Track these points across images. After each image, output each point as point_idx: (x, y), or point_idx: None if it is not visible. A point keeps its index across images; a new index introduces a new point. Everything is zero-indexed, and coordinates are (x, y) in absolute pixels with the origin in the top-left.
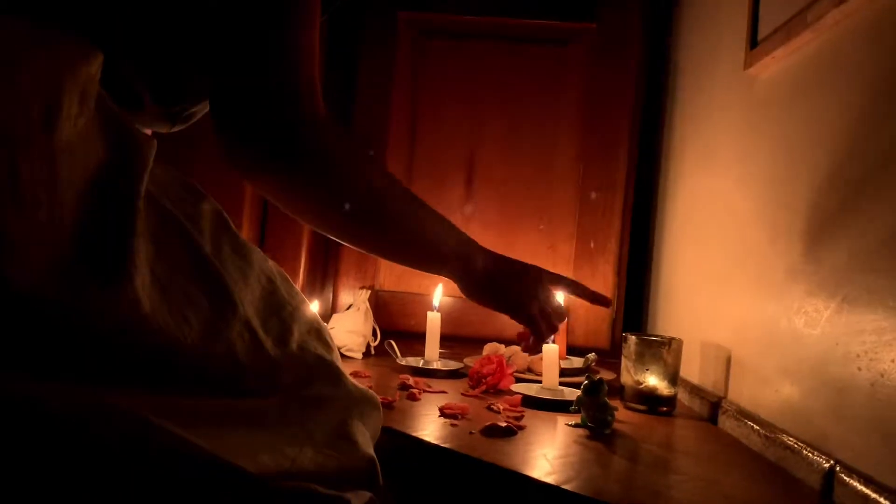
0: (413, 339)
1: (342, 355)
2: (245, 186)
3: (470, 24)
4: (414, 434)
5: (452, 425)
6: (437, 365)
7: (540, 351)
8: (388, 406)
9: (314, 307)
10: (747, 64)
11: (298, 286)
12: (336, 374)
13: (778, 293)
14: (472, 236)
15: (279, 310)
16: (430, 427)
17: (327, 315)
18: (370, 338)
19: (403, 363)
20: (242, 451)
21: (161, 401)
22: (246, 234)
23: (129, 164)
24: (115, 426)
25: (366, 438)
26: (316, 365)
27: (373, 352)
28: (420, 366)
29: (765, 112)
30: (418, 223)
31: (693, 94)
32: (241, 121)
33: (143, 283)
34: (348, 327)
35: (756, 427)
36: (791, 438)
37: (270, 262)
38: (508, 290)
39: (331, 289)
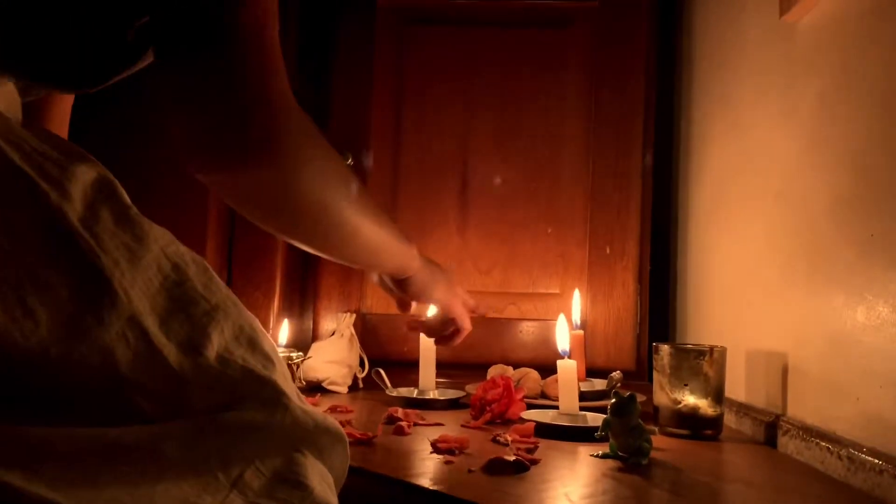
0: (407, 368)
1: (324, 389)
2: (208, 196)
3: (459, 9)
4: (397, 476)
5: (447, 462)
6: (433, 394)
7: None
8: (366, 443)
9: (283, 329)
10: (783, 9)
11: (273, 311)
12: (275, 394)
13: (846, 280)
14: (469, 249)
15: (188, 306)
16: (418, 466)
17: (305, 344)
18: (357, 368)
19: (394, 394)
20: None
21: None
22: (211, 250)
23: None
24: None
25: (324, 482)
26: (244, 382)
27: (360, 384)
28: (414, 396)
29: (811, 62)
30: (370, 236)
31: (717, 58)
32: (204, 117)
33: None
34: (331, 357)
35: (833, 448)
36: (883, 459)
37: (181, 247)
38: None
39: (310, 313)
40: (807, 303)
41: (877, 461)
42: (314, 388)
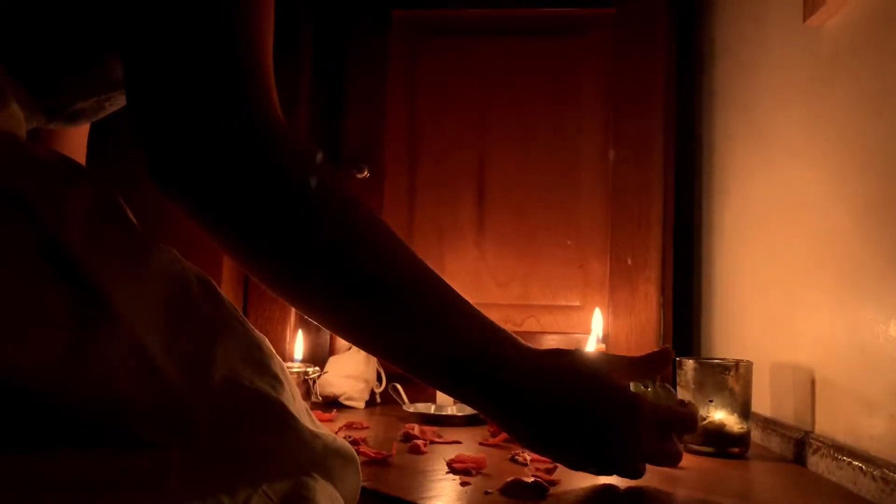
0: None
1: (341, 405)
2: None
3: (473, 20)
4: (410, 498)
5: (463, 483)
6: (451, 410)
7: None
8: (380, 462)
9: (298, 344)
10: (807, 13)
11: (289, 325)
12: (282, 416)
13: (876, 291)
14: (487, 261)
15: (192, 327)
16: (433, 488)
17: (322, 358)
18: (374, 383)
19: (412, 410)
20: None
21: None
22: (227, 264)
23: None
24: None
25: None
26: (251, 404)
27: (378, 399)
28: (431, 412)
29: (837, 67)
30: (423, 303)
31: (738, 64)
32: (165, 121)
33: None
34: (347, 372)
35: (866, 467)
36: None
37: (186, 265)
38: (580, 429)
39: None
40: (835, 315)
41: None
42: (331, 404)
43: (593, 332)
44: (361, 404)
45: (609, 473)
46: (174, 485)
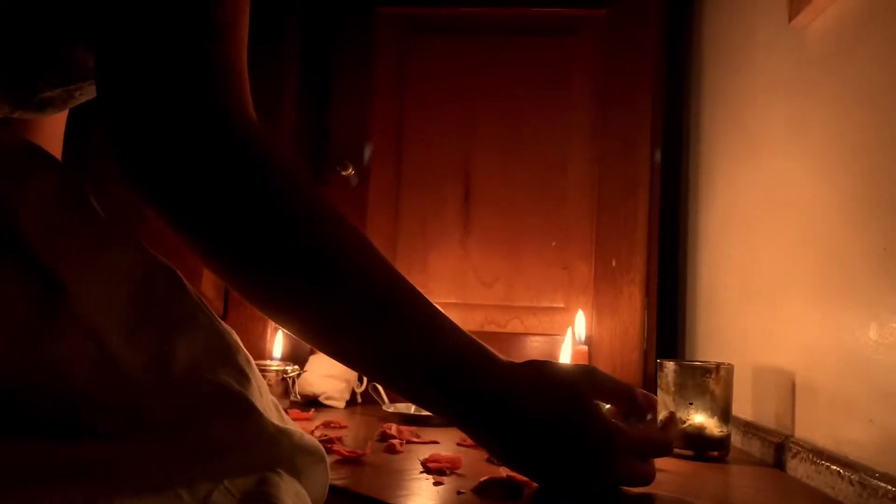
0: None
1: (320, 404)
2: None
3: (462, 18)
4: (380, 497)
5: (437, 483)
6: None
7: None
8: (354, 461)
9: (277, 342)
10: (792, 13)
11: (269, 326)
12: (245, 409)
13: (859, 295)
14: (472, 261)
15: (155, 318)
16: (406, 487)
17: (303, 357)
18: (354, 383)
19: (392, 410)
20: None
21: None
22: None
23: None
24: None
25: (299, 503)
26: (213, 397)
27: (359, 399)
28: (412, 412)
29: (822, 67)
30: (397, 308)
31: (726, 65)
32: (130, 114)
33: None
34: (327, 371)
35: (844, 472)
36: None
37: (151, 255)
38: (554, 446)
39: None
40: (818, 318)
41: (890, 487)
42: (310, 403)
43: (569, 333)
44: (342, 404)
45: (583, 492)
46: (130, 477)
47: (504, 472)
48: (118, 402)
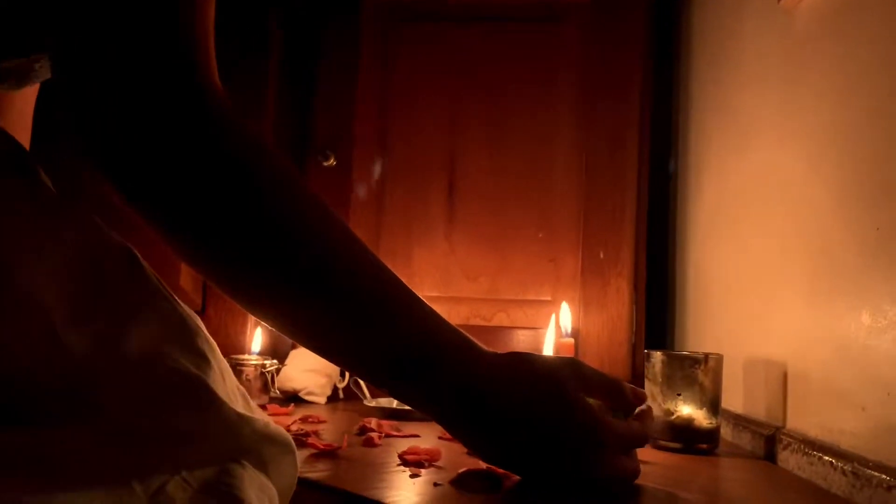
0: None
1: (301, 400)
2: None
3: (448, 6)
4: (353, 490)
5: (413, 475)
6: None
7: None
8: (329, 454)
9: (256, 336)
10: None
11: (249, 320)
12: (206, 396)
13: (850, 280)
14: (457, 254)
15: (107, 298)
16: (379, 480)
17: (284, 352)
18: (336, 378)
19: (373, 405)
20: None
21: None
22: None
23: None
24: None
25: (263, 496)
26: (168, 382)
27: (341, 395)
28: (394, 406)
29: (812, 47)
30: (373, 292)
31: (715, 52)
32: (82, 78)
33: None
34: (308, 365)
35: (836, 462)
36: (891, 475)
37: (106, 233)
38: (537, 441)
39: None
40: (809, 307)
41: (884, 476)
42: (290, 399)
43: (552, 323)
44: (323, 399)
45: (566, 486)
46: (75, 466)
47: (484, 464)
48: (67, 387)
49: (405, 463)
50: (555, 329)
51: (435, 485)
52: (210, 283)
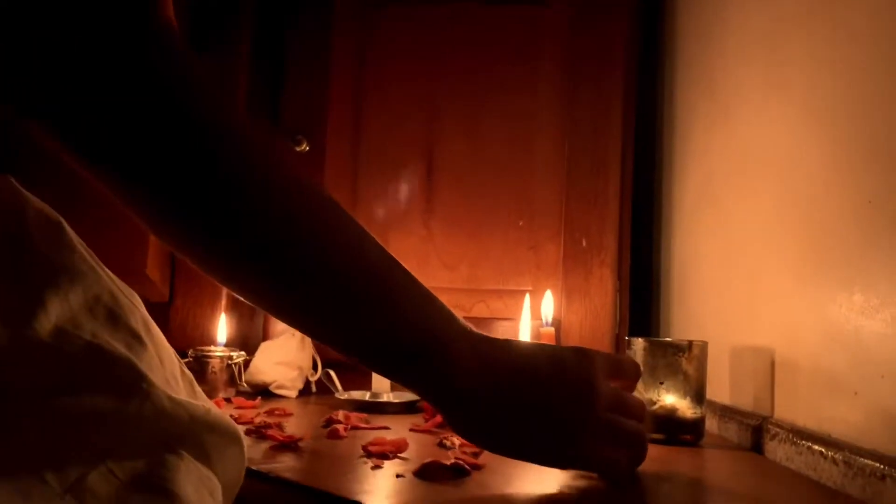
0: (363, 371)
1: (270, 393)
2: None
3: None
4: (306, 482)
5: (375, 467)
6: (387, 397)
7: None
8: (289, 446)
9: (221, 326)
10: None
11: (220, 306)
12: (132, 377)
13: (841, 259)
14: (435, 242)
15: (22, 269)
16: (340, 471)
17: (255, 344)
18: (308, 371)
19: (344, 398)
20: None
21: None
22: (152, 246)
23: None
24: None
25: (202, 489)
26: (88, 361)
27: (313, 388)
28: (366, 399)
29: (796, 19)
30: (351, 261)
31: (701, 31)
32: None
33: None
34: (279, 358)
35: (827, 451)
36: (885, 463)
37: (25, 196)
38: (536, 419)
39: (261, 311)
40: (797, 291)
41: (878, 465)
42: (260, 393)
43: (544, 308)
44: (294, 393)
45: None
46: None
47: (452, 455)
48: None
49: (368, 454)
50: (529, 316)
51: (397, 476)
52: (178, 254)
